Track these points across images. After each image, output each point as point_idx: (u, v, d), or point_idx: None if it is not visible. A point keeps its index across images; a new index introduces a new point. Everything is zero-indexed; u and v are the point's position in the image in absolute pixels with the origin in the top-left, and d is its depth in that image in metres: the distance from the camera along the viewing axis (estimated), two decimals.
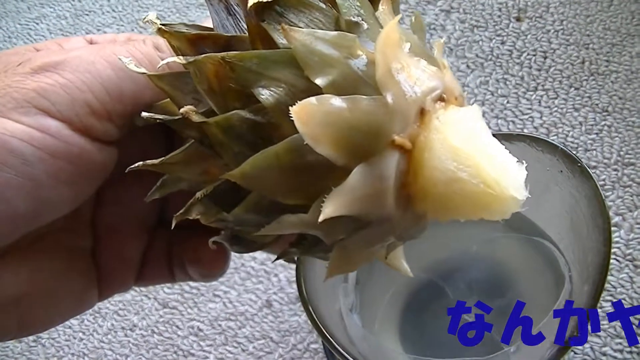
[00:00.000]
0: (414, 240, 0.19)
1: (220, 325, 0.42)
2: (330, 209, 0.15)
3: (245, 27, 0.18)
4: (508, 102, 0.47)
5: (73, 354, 0.43)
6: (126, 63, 0.18)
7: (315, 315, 0.26)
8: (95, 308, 0.45)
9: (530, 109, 0.46)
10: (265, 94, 0.16)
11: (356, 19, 0.17)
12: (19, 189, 0.18)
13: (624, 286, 0.38)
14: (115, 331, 0.44)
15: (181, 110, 0.17)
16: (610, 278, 0.39)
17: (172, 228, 0.19)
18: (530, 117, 0.46)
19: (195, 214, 0.19)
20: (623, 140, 0.43)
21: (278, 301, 0.42)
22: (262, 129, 0.17)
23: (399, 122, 0.16)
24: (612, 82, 0.46)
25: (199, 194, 0.18)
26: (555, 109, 0.46)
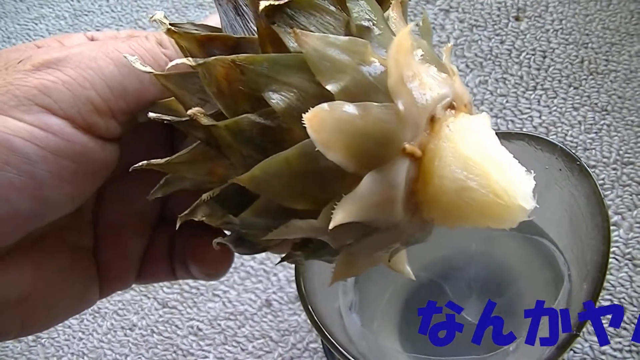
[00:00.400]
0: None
1: (219, 325, 0.42)
2: (340, 215, 0.15)
3: (254, 28, 0.17)
4: (507, 102, 0.47)
5: (72, 354, 0.43)
6: (132, 61, 0.18)
7: (315, 315, 0.27)
8: (95, 308, 0.45)
9: (529, 108, 0.46)
10: (276, 99, 0.16)
11: (367, 23, 0.17)
12: (21, 189, 0.17)
13: (623, 285, 0.38)
14: (115, 331, 0.44)
15: (189, 111, 0.17)
16: (609, 277, 0.39)
17: (177, 228, 0.19)
18: (530, 116, 0.46)
19: (200, 215, 0.18)
20: (622, 139, 0.43)
21: (277, 300, 0.42)
22: (272, 133, 0.16)
23: (410, 130, 0.16)
24: (611, 81, 0.46)
25: (205, 196, 0.18)
26: (555, 108, 0.46)
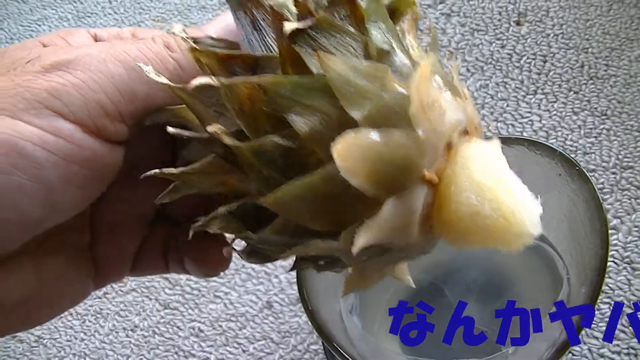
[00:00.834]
0: None
1: (221, 326, 0.43)
2: (363, 240, 0.16)
3: (271, 43, 0.18)
4: (508, 106, 0.47)
5: (74, 355, 0.44)
6: (147, 72, 0.18)
7: (316, 317, 0.27)
8: (97, 309, 0.45)
9: (529, 112, 0.46)
10: (300, 122, 0.16)
11: (387, 47, 0.17)
12: (30, 194, 0.17)
13: (621, 288, 0.39)
14: (117, 332, 0.44)
15: (209, 129, 0.17)
16: (608, 280, 0.39)
17: (179, 228, 0.19)
18: (530, 121, 0.46)
19: (216, 227, 0.19)
20: (621, 143, 0.44)
21: (279, 302, 0.42)
22: (294, 155, 0.17)
23: (429, 157, 0.16)
24: (611, 86, 0.46)
25: (223, 210, 0.18)
26: (555, 112, 0.46)
